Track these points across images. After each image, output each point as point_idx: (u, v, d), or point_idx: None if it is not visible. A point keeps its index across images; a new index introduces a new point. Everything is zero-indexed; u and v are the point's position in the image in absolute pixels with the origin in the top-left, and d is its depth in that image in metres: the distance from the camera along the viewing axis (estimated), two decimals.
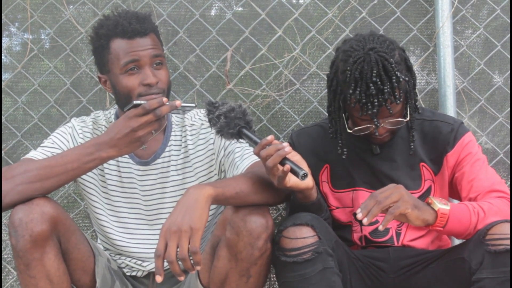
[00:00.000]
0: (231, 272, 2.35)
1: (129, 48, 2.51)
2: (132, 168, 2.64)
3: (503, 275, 2.25)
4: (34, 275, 2.30)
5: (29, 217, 2.26)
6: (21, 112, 3.26)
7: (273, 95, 3.26)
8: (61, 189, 3.19)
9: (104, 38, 2.55)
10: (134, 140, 2.30)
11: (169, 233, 2.15)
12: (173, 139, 2.67)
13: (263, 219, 2.31)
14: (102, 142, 2.33)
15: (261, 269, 2.37)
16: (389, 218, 2.28)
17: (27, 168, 2.35)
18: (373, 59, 2.42)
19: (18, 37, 3.30)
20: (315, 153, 2.72)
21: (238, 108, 2.33)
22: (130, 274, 2.68)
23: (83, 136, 2.65)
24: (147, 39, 2.54)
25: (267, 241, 2.33)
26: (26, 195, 2.31)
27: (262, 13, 3.26)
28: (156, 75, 2.52)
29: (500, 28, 3.34)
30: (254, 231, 2.29)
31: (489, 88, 3.33)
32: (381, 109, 2.45)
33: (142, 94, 2.50)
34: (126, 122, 2.29)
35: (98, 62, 2.62)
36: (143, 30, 2.53)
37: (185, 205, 2.19)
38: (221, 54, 3.27)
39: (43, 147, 2.59)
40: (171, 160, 2.65)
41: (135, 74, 2.51)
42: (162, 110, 2.26)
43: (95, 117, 2.72)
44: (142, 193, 2.64)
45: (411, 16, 3.31)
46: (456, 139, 2.63)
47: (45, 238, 2.28)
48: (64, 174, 2.35)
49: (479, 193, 2.54)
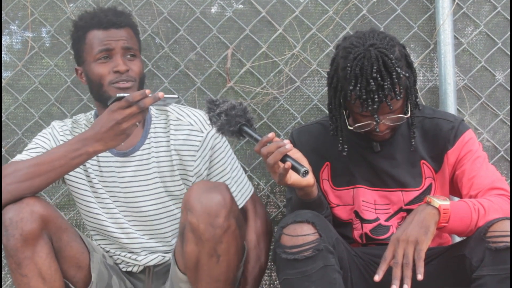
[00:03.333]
0: (200, 255, 2.38)
1: (103, 37, 2.59)
2: (111, 160, 2.67)
3: (504, 272, 2.24)
4: (26, 273, 2.33)
5: (19, 216, 2.30)
6: (22, 110, 3.26)
7: (273, 92, 3.26)
8: (62, 187, 3.20)
9: (81, 30, 2.63)
10: (119, 133, 2.33)
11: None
12: (153, 131, 2.69)
13: (219, 196, 2.35)
14: (88, 137, 2.36)
15: (228, 246, 2.39)
16: (422, 264, 2.28)
17: (16, 167, 2.39)
18: (373, 55, 2.42)
19: (18, 35, 3.29)
20: (316, 151, 2.72)
21: (239, 106, 2.34)
22: (126, 269, 2.70)
23: (63, 133, 2.69)
24: (122, 31, 2.61)
25: (228, 218, 2.36)
26: (17, 194, 2.35)
27: (263, 10, 3.26)
28: (127, 64, 2.58)
29: (501, 26, 3.34)
30: (211, 210, 2.32)
31: (490, 86, 3.33)
32: (381, 105, 2.45)
33: (112, 81, 2.56)
34: (110, 115, 2.31)
35: (75, 54, 2.69)
36: (118, 22, 2.61)
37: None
38: (222, 51, 3.27)
39: (28, 149, 2.64)
40: (152, 152, 2.67)
41: (107, 62, 2.58)
42: (145, 102, 2.28)
43: (75, 119, 2.79)
44: (122, 184, 2.66)
45: (412, 14, 3.31)
46: (456, 136, 2.63)
47: (35, 237, 2.32)
48: (52, 171, 2.38)
49: (479, 191, 2.53)
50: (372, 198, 2.67)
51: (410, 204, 2.64)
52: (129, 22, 2.67)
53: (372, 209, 2.67)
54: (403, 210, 2.66)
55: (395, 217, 2.67)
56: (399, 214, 2.66)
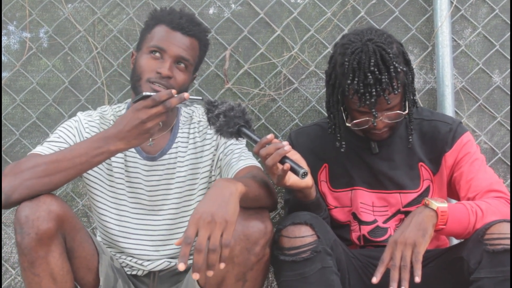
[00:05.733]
0: (228, 276, 2.34)
1: (165, 36, 2.56)
2: (139, 163, 2.65)
3: (502, 274, 2.24)
4: (38, 273, 2.29)
5: (36, 214, 2.24)
6: (20, 111, 3.25)
7: (271, 94, 3.26)
8: (59, 187, 3.19)
9: (154, 20, 2.62)
10: (143, 132, 2.29)
11: (202, 221, 2.08)
12: (180, 136, 2.68)
13: (262, 224, 2.30)
14: (111, 135, 2.32)
15: (257, 274, 2.35)
16: (419, 266, 2.27)
17: (35, 163, 2.33)
18: (370, 49, 2.43)
19: (16, 36, 3.29)
20: (314, 152, 2.72)
21: (238, 107, 2.33)
22: (130, 273, 2.68)
23: (89, 130, 2.64)
24: (186, 39, 2.58)
25: (265, 247, 2.32)
26: (35, 190, 2.29)
27: (261, 12, 3.26)
28: (173, 70, 2.54)
29: (498, 28, 3.34)
30: (251, 236, 2.28)
31: (487, 88, 3.34)
32: (379, 101, 2.45)
33: (151, 80, 2.52)
34: (135, 114, 2.28)
35: (139, 39, 2.67)
36: (187, 29, 2.58)
37: (220, 197, 2.13)
38: (220, 53, 3.27)
39: (50, 141, 2.57)
40: (178, 157, 2.65)
41: (157, 59, 2.55)
42: (171, 101, 2.26)
43: (102, 112, 2.73)
44: (147, 188, 2.64)
45: (410, 16, 3.32)
46: (454, 138, 2.63)
47: (50, 237, 2.27)
48: (72, 168, 2.33)
49: (477, 193, 2.54)
50: (370, 200, 2.67)
51: (408, 206, 2.65)
52: (199, 34, 2.63)
53: (370, 211, 2.67)
54: (401, 212, 2.66)
55: (393, 219, 2.67)
56: (397, 216, 2.66)
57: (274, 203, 2.44)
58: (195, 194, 2.66)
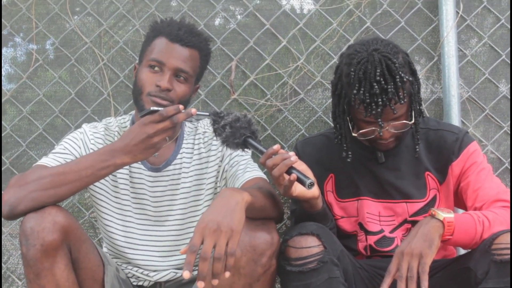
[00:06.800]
0: (234, 287, 2.33)
1: (164, 48, 2.56)
2: (143, 174, 2.65)
3: (509, 285, 2.23)
4: (43, 284, 2.28)
5: (41, 226, 2.24)
6: (26, 122, 3.26)
7: (277, 104, 3.26)
8: (66, 199, 3.19)
9: (153, 32, 2.62)
10: (149, 147, 2.30)
11: (207, 230, 2.07)
12: (184, 147, 2.68)
13: (268, 235, 2.29)
14: (117, 148, 2.32)
15: (264, 285, 2.34)
16: (426, 278, 2.25)
17: (40, 175, 2.33)
18: (376, 59, 2.43)
19: (23, 47, 3.30)
20: (320, 163, 2.72)
21: (243, 118, 2.33)
22: (136, 284, 2.67)
23: (94, 142, 2.65)
24: (185, 51, 2.57)
25: (272, 258, 2.31)
26: (40, 202, 2.29)
27: (267, 23, 3.26)
28: (172, 83, 2.54)
29: (504, 38, 3.34)
30: (258, 247, 2.27)
31: (494, 98, 3.33)
32: (385, 110, 2.45)
33: (151, 93, 2.52)
34: (142, 129, 2.28)
35: (140, 51, 2.67)
36: (186, 40, 2.57)
37: (226, 206, 2.13)
38: (226, 64, 3.28)
39: (55, 153, 2.57)
40: (183, 168, 2.65)
41: (157, 73, 2.55)
42: (178, 117, 2.26)
43: (107, 124, 2.73)
44: (152, 199, 2.64)
45: (416, 26, 3.32)
46: (461, 148, 2.63)
47: (56, 248, 2.26)
48: (78, 181, 2.33)
49: (484, 203, 2.53)
50: (377, 209, 2.67)
51: (414, 216, 2.64)
52: (199, 44, 2.61)
53: (377, 221, 2.67)
54: (407, 222, 2.65)
55: (399, 229, 2.66)
56: (404, 226, 2.66)
57: (280, 214, 2.44)
58: (201, 205, 2.65)
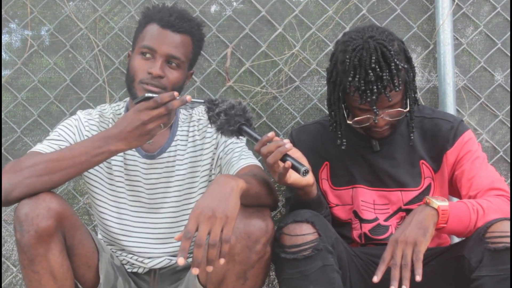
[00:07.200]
0: (228, 274, 2.33)
1: (155, 35, 2.54)
2: (138, 161, 2.65)
3: (503, 273, 2.24)
4: (37, 270, 2.29)
5: (35, 212, 2.24)
6: (21, 108, 3.25)
7: (273, 92, 3.26)
8: (61, 186, 3.19)
9: (145, 18, 2.60)
10: (144, 133, 2.30)
11: (202, 216, 2.07)
12: (179, 134, 2.68)
13: (263, 222, 2.30)
14: (111, 135, 2.32)
15: (258, 272, 2.35)
16: (420, 265, 2.27)
17: (35, 161, 2.33)
18: (371, 46, 2.43)
19: (18, 33, 3.29)
20: (315, 150, 2.72)
21: (238, 105, 2.33)
22: (131, 270, 2.68)
23: (89, 129, 2.64)
24: (177, 36, 2.55)
25: (266, 245, 2.31)
26: (34, 188, 2.29)
27: (262, 10, 3.26)
28: (164, 70, 2.52)
29: (500, 26, 3.34)
30: (252, 234, 2.27)
31: (489, 86, 3.33)
32: (380, 98, 2.45)
33: (143, 81, 2.51)
34: (137, 115, 2.28)
35: (133, 38, 2.66)
36: (177, 26, 2.55)
37: (221, 192, 2.13)
38: (221, 51, 3.27)
39: (50, 140, 2.57)
40: (177, 155, 2.65)
41: (148, 60, 2.53)
42: (173, 103, 2.26)
43: (101, 110, 2.72)
44: (146, 186, 2.64)
45: (412, 14, 3.31)
46: (456, 136, 2.63)
47: (50, 234, 2.26)
48: (72, 167, 2.34)
49: (478, 191, 2.54)
50: (371, 198, 2.67)
51: (409, 204, 2.65)
52: (191, 30, 2.59)
53: (371, 209, 2.67)
54: (402, 210, 2.66)
55: (394, 217, 2.67)
56: (398, 214, 2.66)
57: (275, 201, 2.44)
58: (195, 193, 2.66)
